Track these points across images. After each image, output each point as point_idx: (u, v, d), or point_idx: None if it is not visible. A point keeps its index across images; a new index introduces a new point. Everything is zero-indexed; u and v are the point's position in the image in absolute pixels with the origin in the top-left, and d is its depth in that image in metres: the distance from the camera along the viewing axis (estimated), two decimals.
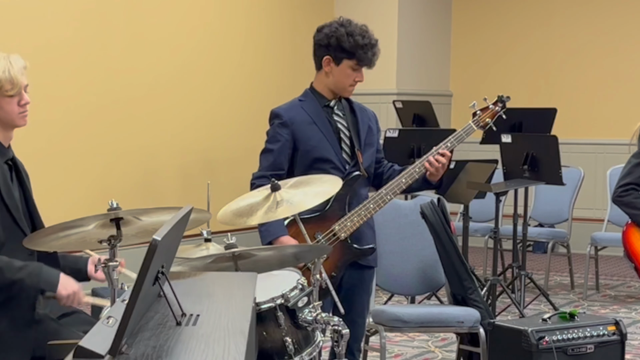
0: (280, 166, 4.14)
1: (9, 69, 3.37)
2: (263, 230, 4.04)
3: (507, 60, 10.67)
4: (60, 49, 7.48)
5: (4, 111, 3.41)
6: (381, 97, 9.74)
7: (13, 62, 3.40)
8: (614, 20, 10.14)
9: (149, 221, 3.12)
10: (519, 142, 7.18)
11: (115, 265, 3.09)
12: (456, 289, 5.15)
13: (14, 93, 3.39)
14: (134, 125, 8.14)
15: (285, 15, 9.65)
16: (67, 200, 7.38)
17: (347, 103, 4.30)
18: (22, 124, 3.47)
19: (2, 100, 3.39)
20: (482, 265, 8.44)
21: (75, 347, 1.95)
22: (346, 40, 4.11)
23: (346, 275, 4.19)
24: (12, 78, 3.38)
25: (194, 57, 8.69)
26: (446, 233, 5.12)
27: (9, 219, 3.38)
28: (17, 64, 3.41)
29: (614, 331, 4.67)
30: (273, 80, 9.36)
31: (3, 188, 3.39)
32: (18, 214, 3.41)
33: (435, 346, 6.23)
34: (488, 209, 7.78)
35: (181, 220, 2.33)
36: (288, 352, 3.27)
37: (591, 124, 10.22)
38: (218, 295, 2.66)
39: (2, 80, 3.36)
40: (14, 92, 3.39)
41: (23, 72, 3.43)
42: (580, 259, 8.81)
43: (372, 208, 4.11)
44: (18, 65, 3.41)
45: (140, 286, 2.03)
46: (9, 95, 3.39)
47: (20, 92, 3.42)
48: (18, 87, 3.40)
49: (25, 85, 3.44)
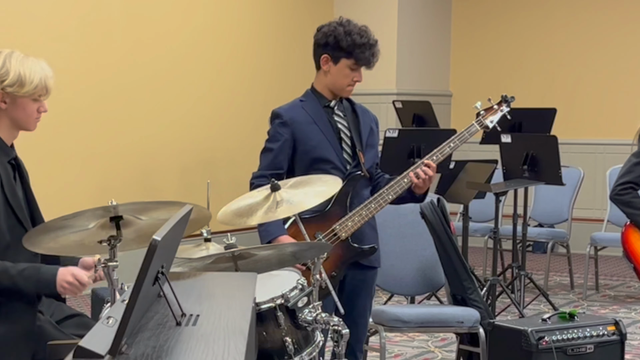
0: (279, 165, 4.14)
1: (46, 77, 3.44)
2: (262, 230, 4.04)
3: (507, 60, 10.67)
4: (60, 49, 7.47)
5: (24, 112, 3.44)
6: (381, 97, 9.74)
7: (47, 70, 3.46)
8: (614, 21, 10.14)
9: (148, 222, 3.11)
10: (519, 142, 7.18)
11: (115, 265, 3.08)
12: (456, 289, 5.16)
13: (42, 99, 3.45)
14: (134, 124, 8.14)
15: (285, 15, 9.65)
16: (66, 199, 7.38)
17: (348, 104, 4.30)
18: (32, 129, 3.52)
19: (28, 102, 3.43)
20: (481, 265, 8.44)
21: (75, 347, 1.95)
22: (344, 39, 4.11)
23: (349, 276, 4.18)
24: (47, 86, 3.44)
25: (194, 57, 8.69)
26: (446, 233, 5.13)
27: (13, 219, 3.38)
28: (49, 72, 3.47)
29: (614, 331, 4.67)
30: (273, 80, 9.36)
31: (7, 188, 3.39)
32: (22, 214, 3.41)
33: (435, 346, 6.24)
34: (488, 209, 7.79)
35: (181, 220, 2.33)
36: (288, 352, 3.27)
37: (591, 124, 10.22)
38: (218, 295, 2.66)
39: (39, 86, 3.42)
40: (43, 98, 3.46)
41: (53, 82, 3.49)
42: (580, 259, 8.81)
43: (373, 208, 4.10)
44: (50, 74, 3.47)
45: (140, 286, 2.03)
46: (36, 99, 3.44)
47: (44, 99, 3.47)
48: (46, 95, 3.46)
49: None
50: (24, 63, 3.40)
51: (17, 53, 3.45)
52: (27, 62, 3.42)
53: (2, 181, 3.38)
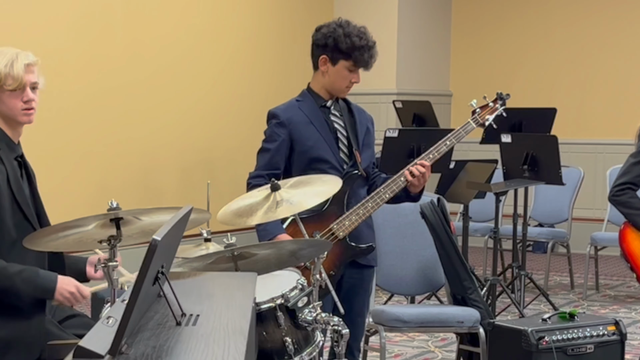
0: (276, 165, 4.15)
1: (12, 64, 3.37)
2: (260, 230, 4.05)
3: (507, 60, 10.67)
4: (59, 49, 7.47)
5: (5, 106, 3.41)
6: (381, 97, 9.75)
7: (19, 58, 3.40)
8: (614, 21, 10.14)
9: (149, 221, 3.12)
10: (519, 142, 7.18)
11: (115, 265, 3.09)
12: (456, 289, 5.15)
13: (14, 88, 3.39)
14: (134, 124, 8.14)
15: (285, 15, 9.65)
16: (67, 199, 7.38)
17: (344, 104, 4.30)
18: (24, 121, 3.45)
19: (3, 94, 3.40)
20: (482, 265, 8.44)
21: (75, 347, 1.95)
22: (343, 41, 4.11)
23: (346, 275, 4.19)
24: (13, 73, 3.37)
25: (194, 57, 8.69)
26: (446, 233, 5.12)
27: (20, 216, 3.38)
28: (23, 59, 3.40)
29: (614, 331, 4.67)
30: (273, 80, 9.36)
31: (14, 185, 3.38)
32: (29, 211, 3.41)
33: (435, 346, 6.24)
34: (488, 209, 7.79)
35: (181, 220, 2.33)
36: (288, 352, 3.27)
37: (591, 124, 10.22)
38: (218, 295, 2.66)
39: (2, 74, 3.37)
40: (14, 87, 3.38)
41: (29, 69, 3.42)
42: (580, 259, 8.81)
43: (370, 207, 4.11)
44: (24, 62, 3.40)
45: (140, 286, 2.03)
46: (9, 89, 3.39)
47: (23, 88, 3.40)
48: (19, 83, 3.39)
49: (32, 82, 3.44)
50: None
51: None
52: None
53: (9, 178, 3.38)
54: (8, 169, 3.39)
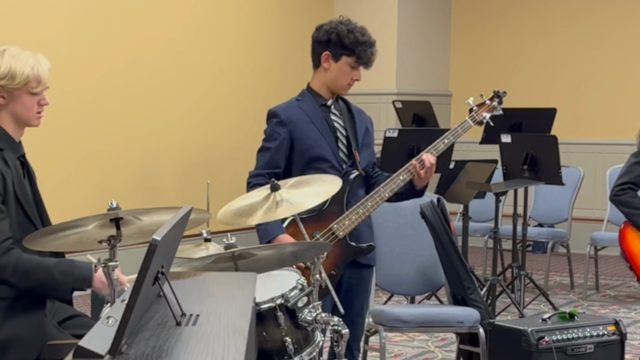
0: (276, 164, 4.15)
1: (37, 67, 3.43)
2: (261, 230, 4.05)
3: (507, 60, 10.67)
4: (59, 49, 7.47)
5: (24, 107, 3.45)
6: (381, 97, 9.75)
7: (41, 61, 3.45)
8: (614, 21, 10.14)
9: (149, 221, 3.12)
10: (519, 142, 7.18)
11: (115, 265, 3.08)
12: (456, 289, 5.15)
13: (38, 91, 3.44)
14: (134, 124, 8.14)
15: (285, 15, 9.65)
16: (67, 199, 7.38)
17: (344, 104, 4.31)
18: (36, 124, 3.52)
19: (25, 96, 3.43)
20: (481, 265, 8.44)
21: (75, 347, 1.95)
22: (346, 36, 4.12)
23: (345, 275, 4.19)
24: (40, 76, 3.43)
25: (194, 56, 8.69)
26: (446, 233, 5.12)
27: (22, 216, 3.39)
28: (44, 63, 3.46)
29: (614, 331, 4.66)
30: (273, 80, 9.36)
31: (17, 184, 3.39)
32: (31, 211, 3.42)
33: (435, 346, 6.24)
34: (488, 209, 7.79)
35: (181, 220, 2.33)
36: (288, 352, 3.27)
37: (591, 124, 10.22)
38: (218, 295, 2.66)
39: (30, 77, 3.41)
40: (38, 90, 3.44)
41: (48, 73, 3.49)
42: (580, 259, 8.81)
43: (370, 206, 4.11)
44: (45, 65, 3.46)
45: (140, 286, 2.02)
46: (32, 92, 3.44)
47: (43, 91, 3.47)
48: (43, 87, 3.46)
49: (47, 86, 3.48)
50: (15, 57, 3.41)
51: (13, 48, 3.46)
52: (20, 56, 3.42)
53: (13, 177, 3.38)
54: (11, 168, 3.40)
